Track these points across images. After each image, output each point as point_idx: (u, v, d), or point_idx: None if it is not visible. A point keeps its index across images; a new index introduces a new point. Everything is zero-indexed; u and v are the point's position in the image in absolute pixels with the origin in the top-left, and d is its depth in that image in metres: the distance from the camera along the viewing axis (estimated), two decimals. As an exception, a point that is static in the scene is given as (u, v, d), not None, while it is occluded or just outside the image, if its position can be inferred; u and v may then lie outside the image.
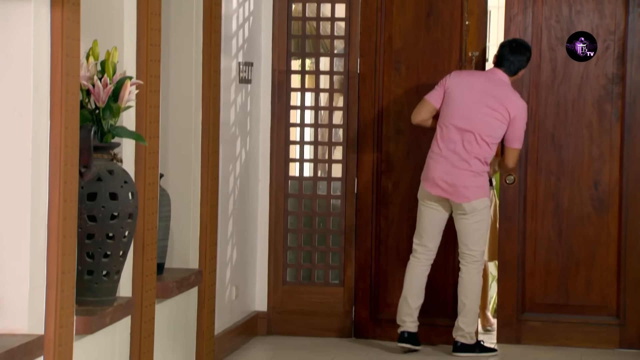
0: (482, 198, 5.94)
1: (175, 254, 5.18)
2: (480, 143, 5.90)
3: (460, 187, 5.90)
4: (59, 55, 3.59)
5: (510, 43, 6.03)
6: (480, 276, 6.01)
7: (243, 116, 6.22)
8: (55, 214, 3.61)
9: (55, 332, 3.59)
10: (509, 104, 5.92)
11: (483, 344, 6.10)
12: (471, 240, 5.96)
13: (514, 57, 6.00)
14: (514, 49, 6.00)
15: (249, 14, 6.26)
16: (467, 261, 5.98)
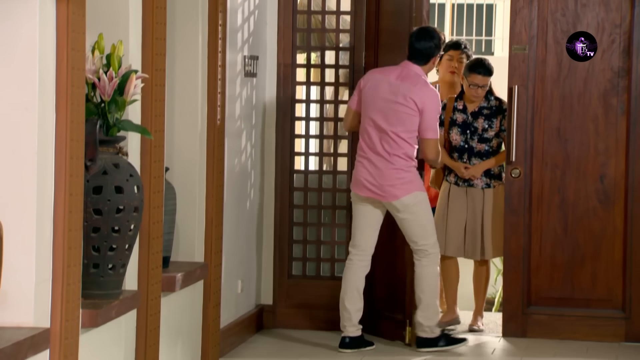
0: (412, 193, 5.82)
1: (180, 247, 5.18)
2: (398, 141, 5.81)
3: (386, 187, 5.82)
4: (65, 48, 3.60)
5: (414, 32, 5.94)
6: (436, 268, 5.89)
7: (248, 110, 6.22)
8: (61, 208, 3.61)
9: (61, 326, 3.59)
10: (415, 95, 5.80)
11: (450, 334, 6.01)
12: (416, 235, 5.86)
13: (420, 44, 5.88)
14: (419, 37, 5.89)
15: (254, 8, 6.26)
16: (420, 256, 5.88)
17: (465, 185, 6.37)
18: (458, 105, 6.42)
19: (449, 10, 13.05)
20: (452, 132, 6.39)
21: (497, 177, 6.38)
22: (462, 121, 6.37)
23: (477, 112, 6.37)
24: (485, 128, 6.35)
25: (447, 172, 6.43)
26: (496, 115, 6.36)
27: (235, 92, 5.94)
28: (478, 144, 6.35)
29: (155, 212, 4.46)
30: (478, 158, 6.35)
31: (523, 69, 6.37)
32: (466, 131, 6.36)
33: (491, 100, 6.40)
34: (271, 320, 6.48)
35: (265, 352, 5.98)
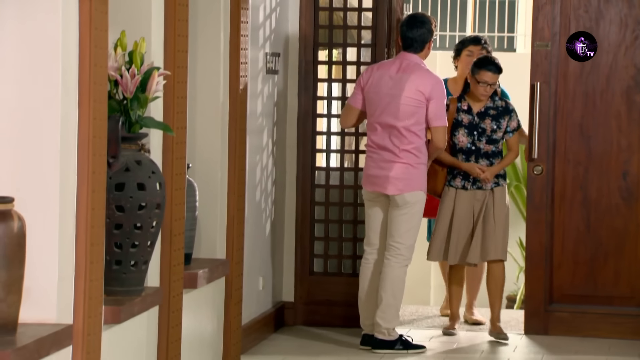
0: (415, 191, 5.78)
1: (202, 244, 5.19)
2: (408, 135, 5.78)
3: (391, 179, 5.77)
4: (87, 46, 3.61)
5: (404, 21, 5.92)
6: (403, 272, 5.81)
7: (270, 107, 6.22)
8: (83, 204, 3.62)
9: (84, 322, 3.61)
10: (420, 85, 5.76)
11: (408, 339, 5.88)
12: (398, 231, 5.79)
13: (412, 32, 5.85)
14: (409, 25, 5.86)
15: (276, 5, 6.26)
16: (391, 254, 5.81)
17: (474, 187, 6.13)
18: (462, 106, 6.15)
19: (471, 6, 13.02)
20: (458, 134, 6.12)
21: (504, 176, 6.22)
22: (468, 122, 6.13)
23: (483, 113, 6.15)
24: (494, 129, 6.13)
25: (451, 176, 6.15)
26: (503, 116, 6.15)
27: (256, 89, 5.94)
28: (486, 145, 6.13)
29: (177, 209, 4.47)
30: (485, 159, 6.13)
31: (545, 65, 6.34)
32: (473, 132, 6.12)
33: (497, 101, 6.18)
34: (292, 317, 6.48)
35: (286, 350, 5.99)
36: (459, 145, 6.14)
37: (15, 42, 3.51)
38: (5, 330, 3.32)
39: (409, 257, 5.83)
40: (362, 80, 5.92)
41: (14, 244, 3.31)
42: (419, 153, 5.80)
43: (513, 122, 6.18)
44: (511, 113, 6.18)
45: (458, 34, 11.88)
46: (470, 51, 6.50)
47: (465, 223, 6.13)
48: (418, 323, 6.61)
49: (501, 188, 6.18)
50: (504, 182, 6.21)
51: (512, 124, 6.17)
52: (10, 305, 3.32)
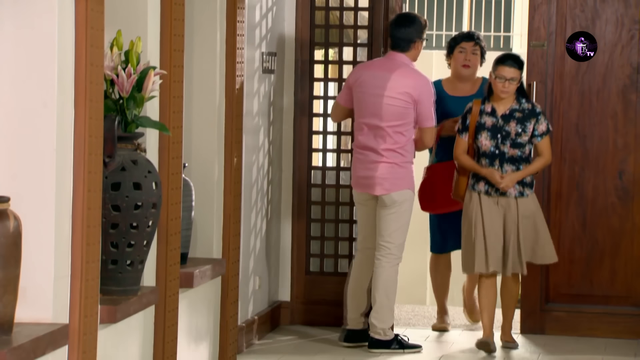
0: (402, 190, 5.77)
1: (198, 243, 5.19)
2: (394, 135, 5.77)
3: (377, 179, 5.77)
4: (83, 45, 3.60)
5: (393, 20, 5.91)
6: (394, 271, 5.79)
7: (266, 106, 6.22)
8: (79, 204, 3.62)
9: (80, 322, 3.60)
10: (406, 84, 5.73)
11: (404, 339, 5.86)
12: (387, 230, 5.78)
13: (399, 32, 5.81)
14: (398, 24, 5.83)
15: (272, 4, 6.25)
16: (382, 254, 5.80)
17: (497, 194, 5.80)
18: (486, 108, 5.83)
19: (467, 5, 13.02)
20: (481, 137, 5.79)
21: (530, 185, 5.85)
22: (491, 125, 5.80)
23: (508, 115, 5.81)
24: (518, 132, 5.78)
25: (475, 180, 5.83)
26: (529, 119, 5.80)
27: (253, 89, 5.94)
28: (510, 150, 5.79)
29: (173, 208, 4.46)
30: (510, 164, 5.78)
31: (541, 65, 6.35)
32: (497, 135, 5.78)
33: (523, 103, 5.83)
34: (289, 316, 6.48)
35: (282, 349, 5.98)
36: (482, 149, 5.82)
37: (11, 41, 3.50)
38: (1, 329, 3.31)
39: (399, 255, 5.82)
40: (350, 79, 5.92)
41: (9, 243, 3.31)
42: (404, 152, 5.80)
43: (541, 125, 5.82)
44: (538, 116, 5.82)
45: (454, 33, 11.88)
46: (462, 48, 6.24)
47: (495, 229, 5.78)
48: (414, 322, 6.61)
49: (526, 200, 5.80)
50: (529, 192, 5.83)
51: (540, 127, 5.81)
52: (6, 305, 3.32)
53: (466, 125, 5.84)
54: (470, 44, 6.26)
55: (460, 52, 6.26)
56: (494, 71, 5.80)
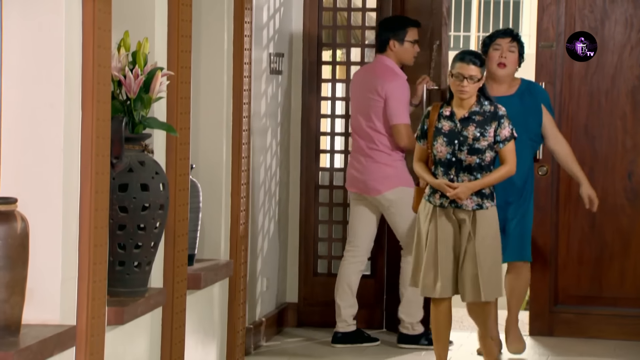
0: (396, 188, 5.83)
1: (206, 245, 5.18)
2: (376, 135, 5.85)
3: (369, 182, 5.87)
4: (91, 46, 3.59)
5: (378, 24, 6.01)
6: None
7: (274, 107, 6.21)
8: (86, 205, 3.61)
9: (87, 323, 3.59)
10: (378, 84, 5.84)
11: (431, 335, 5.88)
12: (397, 230, 5.90)
13: (380, 35, 5.93)
14: (379, 27, 5.95)
15: (280, 5, 6.24)
16: (406, 252, 5.89)
17: (452, 205, 5.17)
18: (445, 112, 5.23)
19: (475, 7, 13.00)
20: (437, 143, 5.19)
21: (490, 196, 5.22)
22: (448, 129, 5.19)
23: (466, 119, 5.19)
24: (476, 137, 5.15)
25: (431, 191, 5.24)
26: (490, 123, 5.18)
27: (260, 90, 5.93)
28: (468, 157, 5.16)
29: (180, 209, 4.45)
30: (467, 173, 5.16)
31: (550, 65, 6.33)
32: (454, 141, 5.17)
33: (485, 105, 5.20)
34: (296, 318, 6.47)
35: (290, 350, 5.97)
36: (438, 157, 5.21)
37: (19, 42, 3.50)
38: (9, 331, 3.31)
39: None
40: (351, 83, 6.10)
41: (17, 244, 3.30)
42: (390, 151, 5.87)
43: (504, 130, 5.18)
44: (501, 119, 5.19)
45: (462, 34, 11.86)
46: (498, 45, 5.68)
47: (448, 250, 5.17)
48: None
49: (485, 212, 5.17)
50: (490, 204, 5.19)
51: (502, 132, 5.18)
52: (13, 306, 3.31)
53: (424, 131, 5.27)
54: (506, 40, 5.68)
55: (496, 50, 5.68)
56: (451, 69, 5.21)
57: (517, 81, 5.80)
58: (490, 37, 5.78)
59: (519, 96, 5.73)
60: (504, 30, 5.77)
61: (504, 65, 5.70)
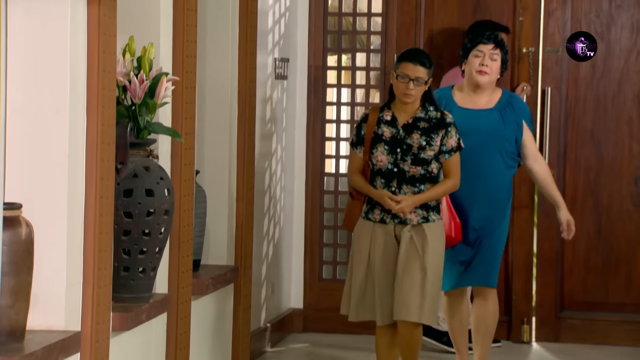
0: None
1: (211, 250, 5.17)
2: None
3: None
4: (96, 51, 3.59)
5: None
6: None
7: (279, 112, 6.20)
8: (91, 211, 3.60)
9: (92, 329, 3.58)
10: None
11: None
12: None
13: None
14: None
15: (285, 10, 6.24)
16: None
17: (395, 221, 4.70)
18: (385, 116, 4.74)
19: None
20: (377, 151, 4.71)
21: (435, 209, 4.75)
22: (390, 136, 4.71)
23: (410, 125, 4.72)
24: (422, 146, 4.69)
25: (369, 207, 4.75)
26: (437, 131, 4.71)
27: (265, 95, 5.93)
28: (412, 167, 4.70)
29: (185, 215, 4.44)
30: (410, 185, 4.70)
31: (556, 70, 6.31)
32: (396, 150, 4.70)
33: (430, 111, 4.74)
34: (301, 324, 6.46)
35: (295, 357, 5.96)
36: (377, 166, 4.71)
37: (24, 47, 3.49)
38: (13, 337, 3.30)
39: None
40: None
41: (22, 250, 3.29)
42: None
43: (451, 139, 4.72)
44: (448, 127, 4.72)
45: (467, 39, 11.87)
46: (479, 51, 5.10)
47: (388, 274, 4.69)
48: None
49: (432, 225, 4.70)
50: (436, 217, 4.73)
51: (449, 141, 4.72)
52: (18, 312, 3.30)
53: (361, 137, 4.77)
54: (489, 46, 5.09)
55: (477, 57, 5.09)
56: (395, 69, 4.72)
57: (498, 93, 5.15)
58: (471, 41, 5.15)
59: (499, 110, 5.11)
60: (488, 35, 5.13)
61: (485, 73, 5.06)
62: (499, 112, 5.12)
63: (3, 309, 3.23)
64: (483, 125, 5.04)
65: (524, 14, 6.28)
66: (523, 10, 6.28)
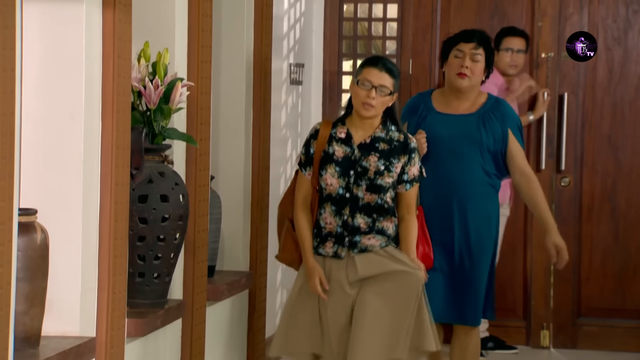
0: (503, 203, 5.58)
1: (226, 256, 5.16)
2: None
3: None
4: (111, 56, 3.58)
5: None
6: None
7: (294, 118, 6.19)
8: (106, 216, 3.60)
9: (107, 335, 3.58)
10: None
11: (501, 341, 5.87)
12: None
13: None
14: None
15: (300, 15, 6.23)
16: None
17: (354, 251, 4.06)
18: (338, 133, 4.10)
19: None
20: (326, 173, 4.08)
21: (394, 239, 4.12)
22: (343, 156, 4.08)
23: (368, 145, 4.07)
24: (379, 171, 4.04)
25: (319, 240, 4.14)
26: (398, 155, 4.07)
27: (280, 100, 5.91)
28: (366, 194, 4.05)
29: (200, 220, 4.43)
30: (365, 215, 4.05)
31: (573, 75, 6.29)
32: (349, 172, 4.06)
33: (392, 131, 4.08)
34: (317, 329, 6.43)
35: (310, 362, 5.93)
36: (327, 191, 4.09)
37: (39, 53, 3.49)
38: (28, 342, 3.29)
39: None
40: None
41: (37, 256, 3.29)
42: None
43: (414, 167, 4.09)
44: (412, 153, 4.08)
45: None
46: (459, 51, 4.48)
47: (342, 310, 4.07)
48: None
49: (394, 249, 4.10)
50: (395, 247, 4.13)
51: (411, 169, 4.09)
52: (33, 318, 3.30)
53: (310, 157, 4.12)
54: (470, 45, 4.46)
55: (457, 57, 4.47)
56: (356, 76, 4.08)
57: (483, 97, 4.55)
58: (450, 40, 4.53)
59: (480, 115, 4.50)
60: (469, 32, 4.51)
61: (465, 76, 4.44)
62: (480, 117, 4.48)
63: (18, 314, 3.23)
64: (460, 131, 4.44)
65: (542, 19, 6.26)
66: (542, 15, 6.26)
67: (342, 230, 4.07)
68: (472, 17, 6.33)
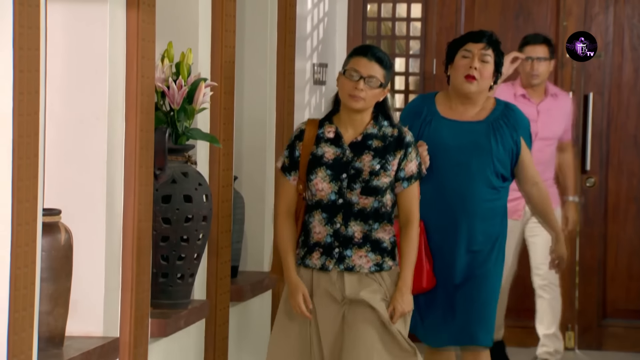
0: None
1: (249, 256, 5.16)
2: None
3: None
4: (134, 57, 3.58)
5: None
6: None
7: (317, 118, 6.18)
8: (130, 217, 3.60)
9: (131, 335, 3.58)
10: None
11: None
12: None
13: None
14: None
15: (324, 15, 6.22)
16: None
17: (340, 267, 3.71)
18: (326, 132, 3.75)
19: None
20: (316, 178, 3.72)
21: (391, 253, 3.73)
22: (333, 158, 3.73)
23: (360, 144, 3.71)
24: (374, 170, 3.69)
25: (306, 250, 3.77)
26: (393, 152, 3.71)
27: (304, 100, 5.91)
28: (361, 198, 3.69)
29: (223, 221, 4.43)
30: (361, 222, 3.70)
31: (598, 75, 6.25)
32: (341, 175, 3.71)
33: (384, 127, 3.73)
34: (340, 330, 6.42)
35: (334, 363, 5.92)
36: (317, 197, 3.72)
37: (62, 53, 3.50)
38: (52, 343, 3.30)
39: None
40: None
41: (60, 256, 3.30)
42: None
43: (411, 163, 3.71)
44: (408, 148, 3.72)
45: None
46: (467, 52, 4.15)
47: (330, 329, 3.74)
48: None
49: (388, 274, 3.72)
50: (391, 263, 3.73)
51: (409, 166, 3.71)
52: (57, 318, 3.30)
53: (295, 159, 3.76)
54: (479, 46, 4.12)
55: (465, 58, 4.13)
56: (344, 66, 3.73)
57: (491, 103, 4.20)
58: (457, 41, 4.19)
59: (491, 123, 4.16)
60: (477, 32, 4.17)
61: (473, 79, 4.09)
62: (490, 125, 4.14)
63: (42, 315, 3.23)
64: (468, 140, 4.09)
65: (567, 19, 6.22)
66: (567, 15, 6.22)
67: (333, 240, 3.67)
68: (497, 16, 6.30)
